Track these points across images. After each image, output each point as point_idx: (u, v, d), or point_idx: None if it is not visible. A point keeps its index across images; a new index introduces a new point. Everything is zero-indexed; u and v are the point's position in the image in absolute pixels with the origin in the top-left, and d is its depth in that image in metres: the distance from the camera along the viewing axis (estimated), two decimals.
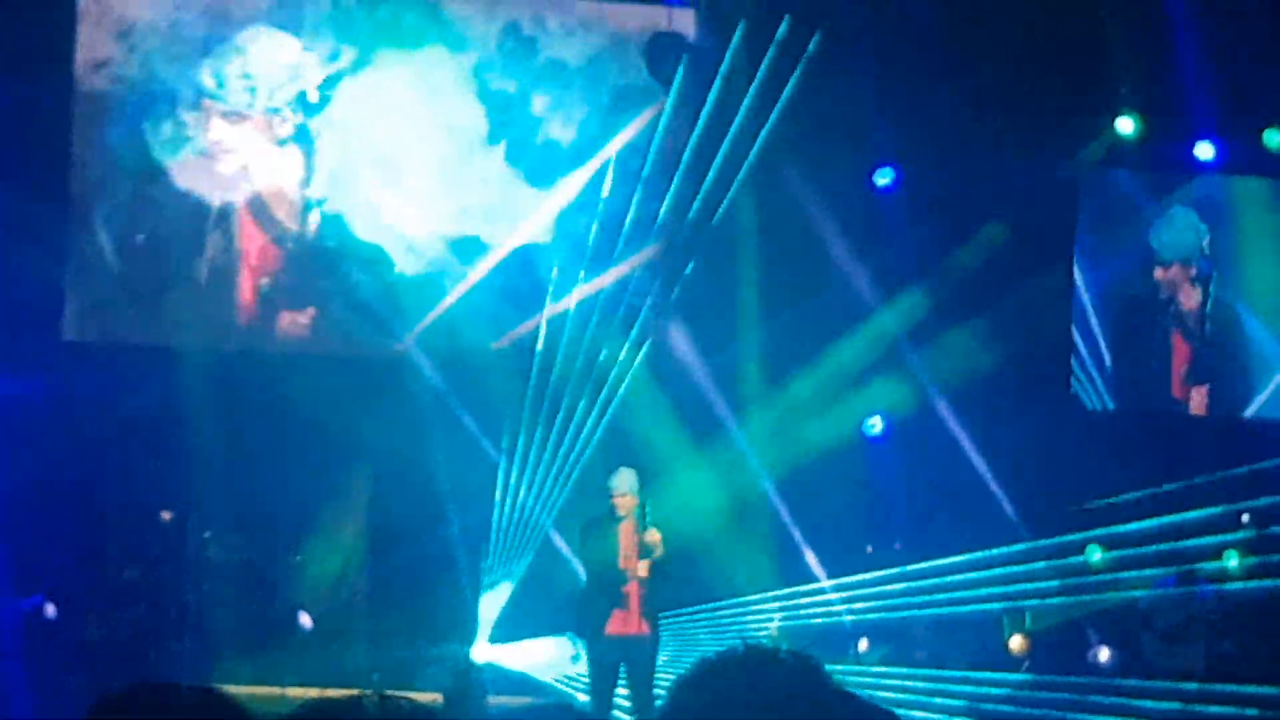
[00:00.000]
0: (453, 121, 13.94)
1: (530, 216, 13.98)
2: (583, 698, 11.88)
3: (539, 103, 14.07)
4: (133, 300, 13.80)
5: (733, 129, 13.98)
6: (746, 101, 13.93)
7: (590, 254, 14.00)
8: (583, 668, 12.23)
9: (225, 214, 13.82)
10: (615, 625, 10.94)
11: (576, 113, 14.09)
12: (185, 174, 13.73)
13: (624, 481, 11.09)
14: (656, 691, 11.07)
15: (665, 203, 14.06)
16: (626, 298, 14.07)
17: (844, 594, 13.80)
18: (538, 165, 14.03)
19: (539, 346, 13.91)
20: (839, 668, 12.62)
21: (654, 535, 10.90)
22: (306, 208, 13.90)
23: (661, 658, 11.33)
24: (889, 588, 13.74)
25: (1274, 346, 14.61)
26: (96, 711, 2.61)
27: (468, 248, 13.97)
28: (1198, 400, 14.63)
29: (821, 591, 13.84)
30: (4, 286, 13.26)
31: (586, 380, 13.94)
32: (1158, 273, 14.57)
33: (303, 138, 13.90)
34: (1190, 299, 14.51)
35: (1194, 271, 14.51)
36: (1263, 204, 14.74)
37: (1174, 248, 14.51)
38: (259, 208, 13.90)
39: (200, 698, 2.68)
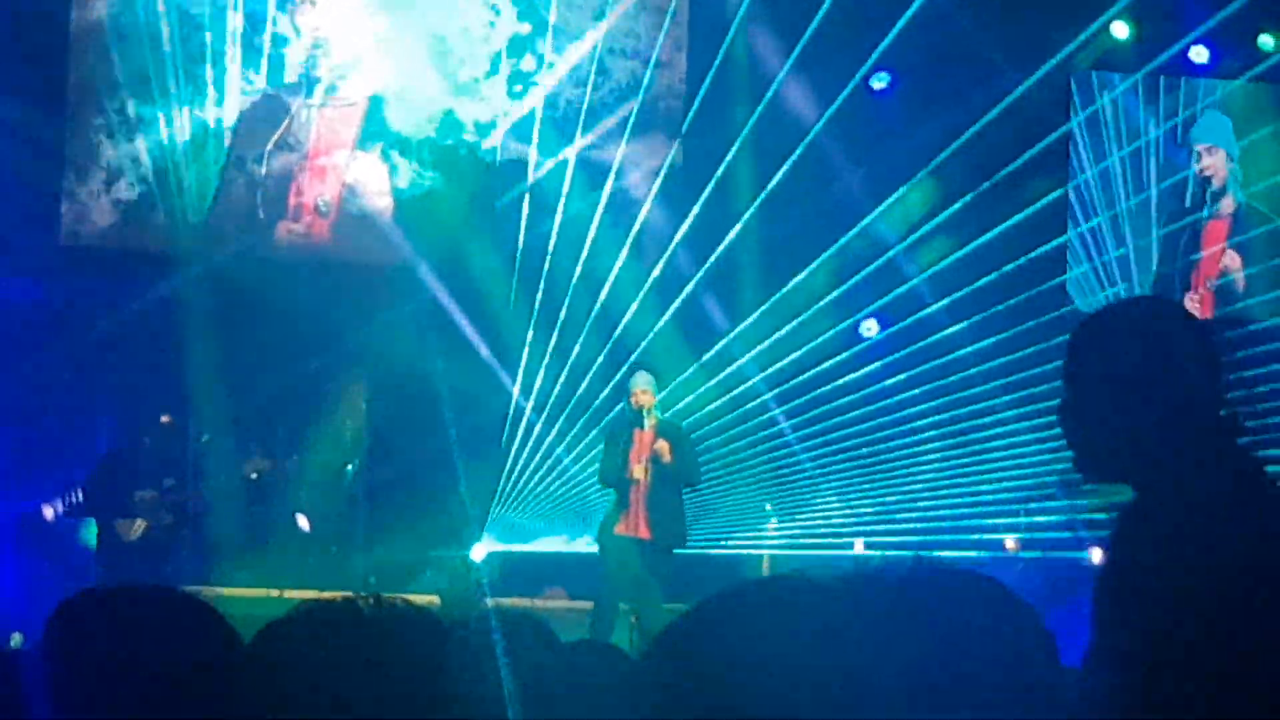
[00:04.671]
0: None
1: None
2: (581, 604, 11.89)
3: None
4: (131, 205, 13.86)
5: (728, 37, 13.97)
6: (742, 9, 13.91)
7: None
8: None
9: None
10: (622, 526, 11.09)
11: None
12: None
13: (641, 382, 11.23)
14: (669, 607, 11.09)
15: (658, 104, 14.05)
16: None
17: (840, 499, 13.88)
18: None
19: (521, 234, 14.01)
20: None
21: (661, 444, 11.01)
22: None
23: None
24: (886, 490, 13.84)
25: None
26: (55, 617, 2.52)
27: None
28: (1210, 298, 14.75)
29: (818, 495, 13.92)
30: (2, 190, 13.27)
31: (586, 288, 14.01)
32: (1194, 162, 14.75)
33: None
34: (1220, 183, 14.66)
35: (1225, 158, 14.64)
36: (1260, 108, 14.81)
37: (1208, 134, 14.66)
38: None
39: (165, 600, 2.56)
